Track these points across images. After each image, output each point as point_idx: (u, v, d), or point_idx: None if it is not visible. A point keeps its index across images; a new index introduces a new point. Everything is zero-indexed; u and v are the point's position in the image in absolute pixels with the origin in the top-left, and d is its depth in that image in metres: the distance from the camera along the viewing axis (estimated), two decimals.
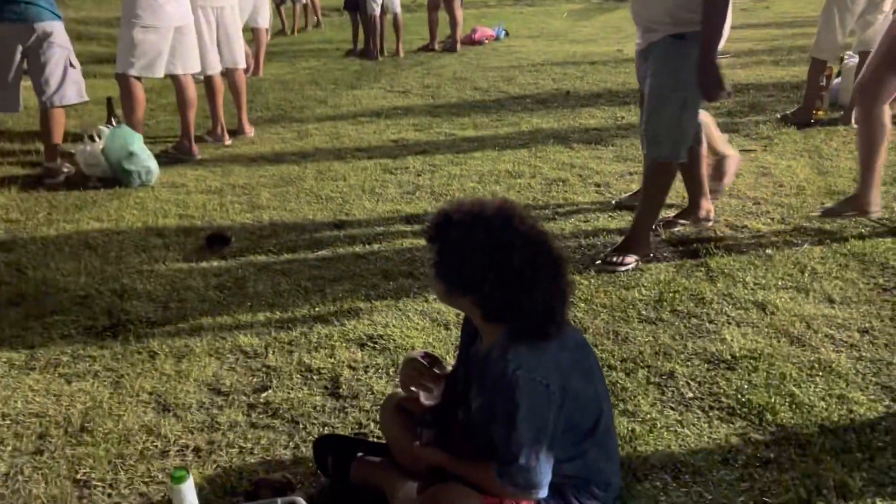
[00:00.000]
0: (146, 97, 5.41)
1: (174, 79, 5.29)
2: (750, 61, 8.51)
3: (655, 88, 3.32)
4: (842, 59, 6.19)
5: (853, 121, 5.56)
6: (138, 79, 5.09)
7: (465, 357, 2.01)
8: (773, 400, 2.51)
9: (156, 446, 2.40)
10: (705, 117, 3.84)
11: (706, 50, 3.16)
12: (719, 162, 4.06)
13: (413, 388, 1.97)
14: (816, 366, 2.69)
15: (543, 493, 1.76)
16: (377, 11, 9.48)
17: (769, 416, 2.43)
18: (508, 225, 1.71)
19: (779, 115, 5.91)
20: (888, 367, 2.68)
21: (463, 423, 2.00)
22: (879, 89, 3.79)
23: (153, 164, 4.86)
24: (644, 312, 3.10)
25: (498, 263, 1.69)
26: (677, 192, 4.03)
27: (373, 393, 2.61)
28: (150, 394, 2.67)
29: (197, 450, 2.38)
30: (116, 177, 4.78)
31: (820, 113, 5.89)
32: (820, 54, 5.71)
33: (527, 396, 1.69)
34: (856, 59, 5.73)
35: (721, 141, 4.11)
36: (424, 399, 1.96)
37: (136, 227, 4.15)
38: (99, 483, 2.25)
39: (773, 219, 4.01)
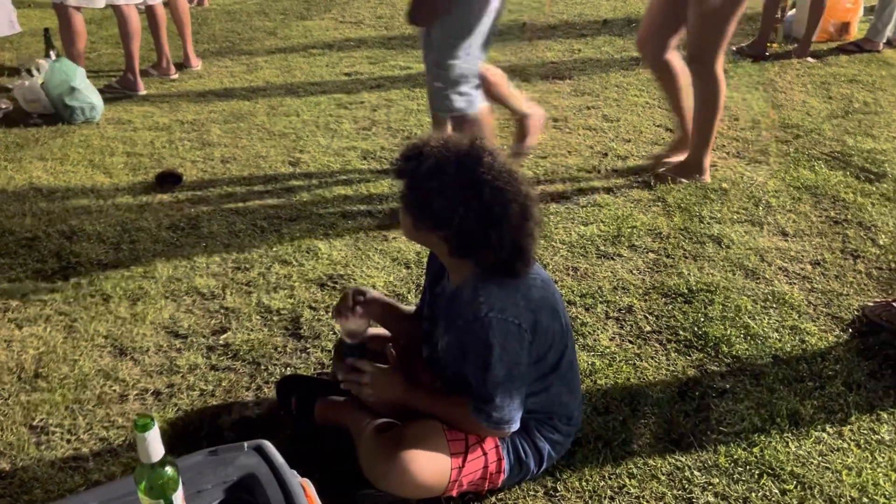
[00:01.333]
0: (86, 29, 5.16)
1: (115, 9, 5.03)
2: None
3: None
4: None
5: (794, 56, 5.61)
6: (77, 9, 4.84)
7: (429, 296, 2.00)
8: (728, 332, 2.56)
9: (114, 391, 2.37)
10: (495, 76, 3.53)
11: None
12: (521, 122, 3.72)
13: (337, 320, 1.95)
14: (770, 298, 2.75)
15: (516, 426, 1.79)
16: None
17: (725, 348, 2.49)
18: (479, 160, 1.68)
19: (734, 49, 5.91)
20: (838, 298, 2.75)
21: (427, 360, 2.00)
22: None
23: (97, 99, 4.67)
24: (602, 248, 3.13)
25: (468, 198, 1.66)
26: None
27: (335, 333, 2.60)
28: (106, 337, 2.62)
29: (157, 393, 2.35)
30: (59, 113, 4.58)
31: (774, 46, 5.91)
32: None
33: (500, 337, 1.70)
34: None
35: (519, 99, 3.72)
36: (343, 332, 1.93)
37: (82, 165, 4.01)
38: (57, 429, 2.21)
39: (728, 153, 4.04)
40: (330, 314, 2.70)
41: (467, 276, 1.80)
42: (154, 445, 1.28)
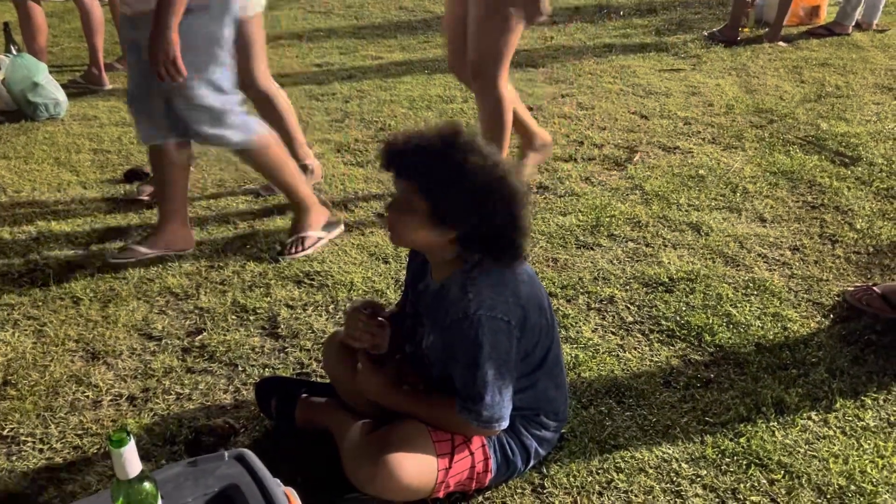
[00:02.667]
0: (48, 22, 5.02)
1: (77, 2, 4.91)
2: None
3: None
4: None
5: (765, 40, 5.63)
6: (37, 2, 4.71)
7: (411, 293, 1.95)
8: (710, 321, 2.55)
9: (87, 397, 2.30)
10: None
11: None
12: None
13: (359, 343, 1.89)
14: (751, 285, 2.75)
15: (506, 423, 1.76)
16: None
17: (707, 337, 2.48)
18: (483, 154, 1.65)
19: (706, 33, 5.91)
20: (818, 284, 2.75)
21: (411, 358, 1.96)
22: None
23: (61, 95, 4.55)
24: (582, 238, 3.10)
25: (485, 193, 1.63)
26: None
27: (313, 332, 2.54)
28: (77, 342, 2.54)
29: (132, 398, 2.29)
30: (21, 110, 4.46)
31: (746, 30, 5.92)
32: None
33: (490, 335, 1.66)
34: None
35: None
36: (372, 351, 1.89)
37: (47, 163, 3.90)
38: (28, 438, 2.14)
39: (703, 139, 4.03)
40: (307, 312, 2.65)
41: (453, 273, 1.76)
42: (130, 461, 1.22)
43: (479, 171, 1.64)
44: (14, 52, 4.68)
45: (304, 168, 3.39)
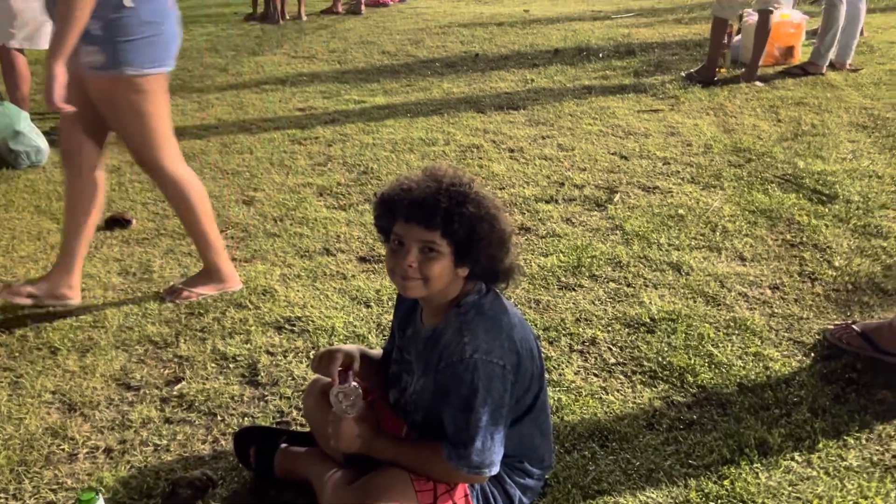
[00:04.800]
0: (30, 70, 5.04)
1: None
2: (654, 20, 8.61)
3: None
4: (741, 17, 6.31)
5: (742, 80, 5.73)
6: (20, 51, 4.73)
7: (399, 339, 1.94)
8: (692, 361, 2.55)
9: (63, 450, 2.25)
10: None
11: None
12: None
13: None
14: (732, 324, 2.75)
15: (496, 469, 1.74)
16: None
17: (690, 378, 2.47)
18: (478, 191, 1.72)
19: (683, 74, 6.01)
20: (799, 322, 2.76)
21: (394, 405, 1.94)
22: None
23: (43, 142, 4.55)
24: (564, 279, 3.10)
25: (490, 227, 1.71)
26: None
27: (293, 379, 2.52)
28: (54, 393, 2.50)
29: (108, 450, 2.25)
30: (2, 157, 4.45)
31: (722, 70, 6.02)
32: (722, 13, 5.81)
33: (485, 379, 1.66)
34: (755, 17, 5.86)
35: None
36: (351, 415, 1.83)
37: (27, 212, 3.89)
38: (1, 494, 2.09)
39: (683, 178, 4.07)
40: (288, 359, 2.63)
41: (446, 317, 1.75)
42: None
43: (483, 207, 1.70)
44: None
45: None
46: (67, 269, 2.98)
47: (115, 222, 3.69)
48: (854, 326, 2.61)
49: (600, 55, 6.90)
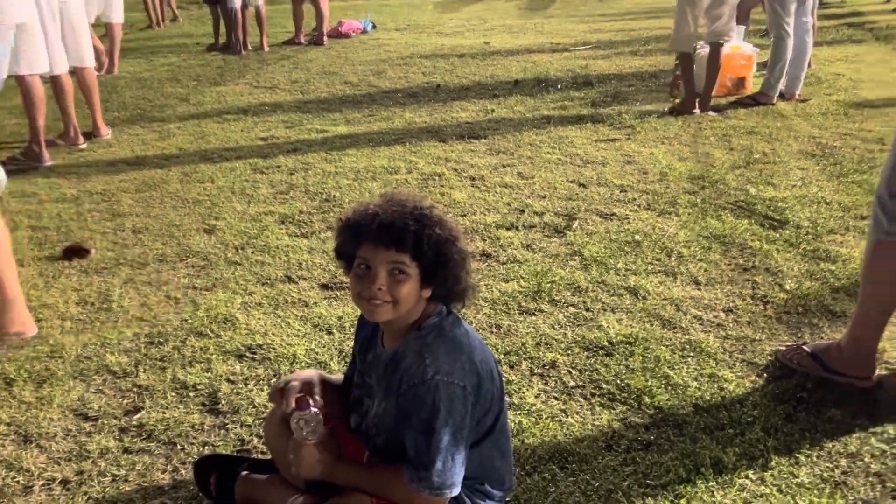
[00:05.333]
0: None
1: (19, 80, 4.91)
2: (610, 52, 8.81)
3: None
4: (695, 49, 6.50)
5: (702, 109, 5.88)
6: None
7: (359, 363, 1.96)
8: (649, 383, 2.60)
9: (17, 482, 2.22)
10: None
11: None
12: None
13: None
14: (688, 347, 2.81)
15: (458, 490, 1.75)
16: (238, 4, 9.16)
17: (647, 399, 2.52)
18: (440, 214, 1.77)
19: (666, 110, 6.08)
20: (752, 344, 2.83)
21: (355, 430, 1.95)
22: None
23: (0, 172, 4.49)
24: (524, 304, 3.15)
25: (454, 249, 1.75)
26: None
27: (254, 407, 2.51)
28: (9, 425, 2.46)
29: (65, 482, 2.22)
30: None
31: (676, 101, 6.18)
32: (681, 47, 5.97)
33: (446, 401, 1.68)
34: (707, 49, 6.04)
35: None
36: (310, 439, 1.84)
37: None
38: None
39: (639, 205, 4.17)
40: (248, 387, 2.62)
41: (405, 340, 1.77)
42: None
43: (446, 229, 1.74)
44: None
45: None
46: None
47: (74, 252, 3.65)
48: (805, 347, 2.69)
49: (559, 86, 7.04)
